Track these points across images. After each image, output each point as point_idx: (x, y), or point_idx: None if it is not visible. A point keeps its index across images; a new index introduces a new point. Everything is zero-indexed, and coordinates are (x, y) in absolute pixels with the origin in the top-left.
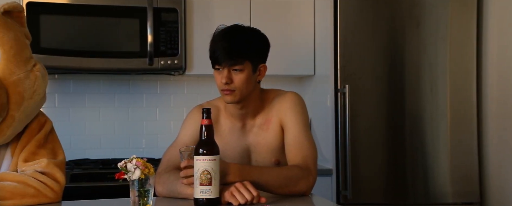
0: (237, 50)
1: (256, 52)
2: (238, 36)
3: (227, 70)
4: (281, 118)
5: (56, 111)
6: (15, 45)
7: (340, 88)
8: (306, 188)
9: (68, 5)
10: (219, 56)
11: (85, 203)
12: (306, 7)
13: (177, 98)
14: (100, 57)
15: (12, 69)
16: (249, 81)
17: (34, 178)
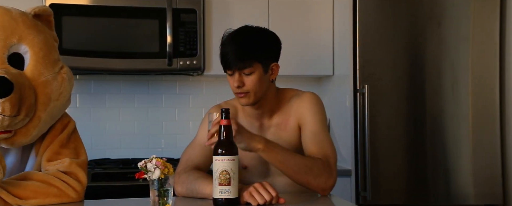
0: (244, 53)
1: (265, 52)
2: (245, 38)
3: (238, 73)
4: (299, 118)
5: (78, 111)
6: (44, 47)
7: (359, 88)
8: (325, 185)
9: (90, 6)
10: (228, 61)
11: (106, 202)
12: (325, 6)
13: (195, 98)
14: (120, 58)
15: (41, 70)
16: (262, 82)
17: (57, 177)
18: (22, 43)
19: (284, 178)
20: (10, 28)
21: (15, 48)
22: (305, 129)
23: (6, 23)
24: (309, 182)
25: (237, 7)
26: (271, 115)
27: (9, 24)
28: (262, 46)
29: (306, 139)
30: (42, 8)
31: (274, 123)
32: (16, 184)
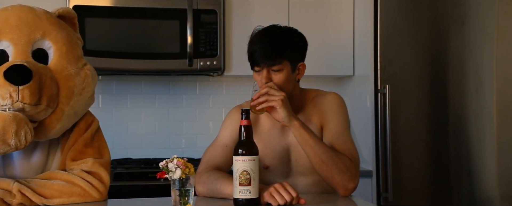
0: (275, 50)
1: (294, 51)
2: (276, 36)
3: (266, 70)
4: (321, 118)
5: (100, 112)
6: (67, 42)
7: (380, 88)
8: (348, 184)
9: (112, 8)
10: (257, 57)
11: (128, 201)
12: (345, 6)
13: (216, 98)
14: (142, 59)
15: (64, 64)
16: (289, 80)
17: (80, 177)
18: (45, 39)
19: (306, 178)
20: (34, 24)
21: (39, 43)
22: (328, 129)
23: (30, 20)
24: (333, 176)
25: (257, 7)
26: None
27: (33, 20)
28: (291, 44)
29: (329, 139)
30: (66, 9)
31: None
32: (41, 183)
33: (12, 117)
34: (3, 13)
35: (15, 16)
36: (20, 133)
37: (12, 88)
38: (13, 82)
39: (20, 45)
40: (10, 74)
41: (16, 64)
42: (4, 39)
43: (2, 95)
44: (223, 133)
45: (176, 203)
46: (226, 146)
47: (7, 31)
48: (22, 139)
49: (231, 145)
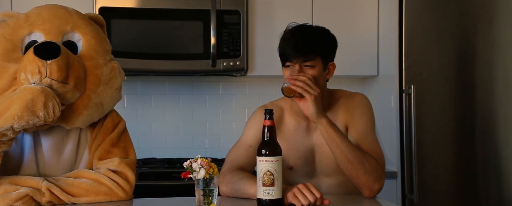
0: (309, 46)
1: (327, 49)
2: (309, 33)
3: (299, 65)
4: (347, 118)
5: (125, 112)
6: (96, 36)
7: (405, 89)
8: (373, 185)
9: (137, 9)
10: (290, 53)
11: (153, 201)
12: (369, 5)
13: (239, 99)
14: (166, 59)
15: (92, 55)
16: (320, 78)
17: (107, 176)
18: (75, 32)
19: (330, 179)
20: (65, 18)
21: (69, 36)
22: (354, 129)
23: (61, 14)
24: (359, 176)
25: (281, 8)
26: None
27: (64, 15)
28: (324, 42)
29: (355, 139)
30: (96, 15)
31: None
32: (69, 182)
33: (40, 90)
34: (36, 9)
35: (47, 11)
36: (48, 106)
37: (40, 62)
38: (42, 57)
39: (51, 35)
40: (40, 50)
41: (46, 41)
42: (36, 30)
43: (31, 70)
44: (246, 133)
45: (200, 203)
46: (250, 147)
47: (39, 23)
48: (50, 112)
49: (254, 146)
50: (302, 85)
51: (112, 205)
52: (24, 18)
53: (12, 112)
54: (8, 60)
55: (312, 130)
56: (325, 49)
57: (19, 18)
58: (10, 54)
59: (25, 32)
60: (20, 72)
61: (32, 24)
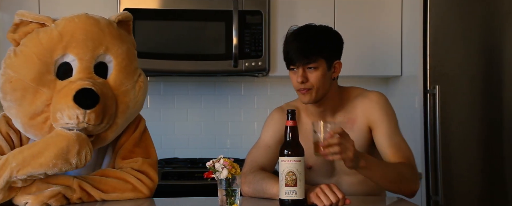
0: (310, 48)
1: (330, 49)
2: (310, 34)
3: (302, 69)
4: (368, 119)
5: (148, 112)
6: (126, 57)
7: (430, 89)
8: (414, 188)
9: (160, 10)
10: (293, 56)
11: (175, 200)
12: (393, 4)
13: (260, 99)
14: (188, 60)
15: (122, 80)
16: (325, 78)
17: (132, 175)
18: (107, 53)
19: (350, 178)
20: (99, 40)
21: (101, 57)
22: (379, 131)
23: (95, 35)
24: (400, 189)
25: (303, 7)
26: (333, 113)
27: (97, 35)
28: (326, 42)
29: (382, 142)
30: (124, 14)
31: (338, 122)
32: (98, 179)
33: (75, 137)
34: (70, 25)
35: (81, 30)
36: (81, 153)
37: (79, 111)
38: (82, 105)
39: (85, 61)
40: (79, 97)
41: (85, 88)
42: (71, 53)
43: (69, 115)
44: (265, 134)
45: (223, 203)
46: (269, 147)
47: (74, 46)
48: (82, 159)
49: (273, 146)
50: (339, 149)
51: (137, 203)
52: (57, 37)
53: (46, 159)
54: (42, 84)
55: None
56: (328, 49)
57: (52, 36)
58: (44, 77)
59: (59, 54)
60: (56, 111)
61: (66, 46)
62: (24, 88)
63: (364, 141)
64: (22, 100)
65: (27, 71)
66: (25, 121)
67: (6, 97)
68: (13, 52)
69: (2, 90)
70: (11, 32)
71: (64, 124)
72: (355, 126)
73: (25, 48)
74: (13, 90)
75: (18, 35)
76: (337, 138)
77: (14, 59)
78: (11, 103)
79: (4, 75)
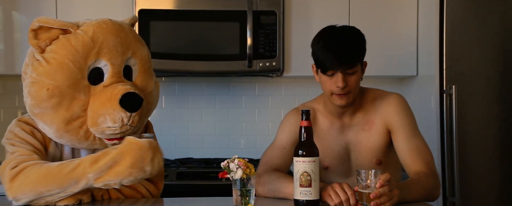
0: (351, 54)
1: (364, 52)
2: (346, 39)
3: (342, 74)
4: (387, 121)
5: (163, 112)
6: (148, 60)
7: (446, 89)
8: (437, 194)
9: (174, 11)
10: (334, 63)
11: (190, 200)
12: (408, 3)
13: (275, 99)
14: (203, 60)
15: (147, 81)
16: (359, 81)
17: (142, 185)
18: (133, 57)
19: None
20: (126, 44)
21: (128, 61)
22: (398, 135)
23: (123, 40)
24: (425, 198)
25: (317, 8)
26: (352, 113)
27: (125, 40)
28: (361, 46)
29: (402, 146)
30: (134, 18)
31: (356, 122)
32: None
33: (148, 145)
34: (100, 30)
35: (111, 35)
36: (155, 160)
37: (125, 114)
38: (128, 109)
39: (116, 66)
40: (125, 101)
41: (130, 92)
42: (103, 58)
43: (114, 119)
44: (280, 136)
45: (237, 203)
46: (284, 148)
47: (105, 51)
48: (156, 166)
49: (288, 147)
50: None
51: (152, 204)
52: (90, 44)
53: (122, 168)
54: (78, 90)
55: (346, 128)
56: (363, 53)
57: (85, 42)
58: (79, 83)
59: (92, 59)
60: (98, 115)
61: (98, 52)
62: (61, 95)
63: (382, 142)
64: (59, 107)
65: (64, 78)
66: (61, 127)
67: (41, 104)
68: (43, 59)
69: (37, 97)
70: (33, 38)
71: (106, 128)
72: (373, 128)
73: (58, 55)
74: (50, 97)
75: (44, 41)
76: (387, 188)
77: (47, 67)
78: (46, 110)
79: (38, 83)
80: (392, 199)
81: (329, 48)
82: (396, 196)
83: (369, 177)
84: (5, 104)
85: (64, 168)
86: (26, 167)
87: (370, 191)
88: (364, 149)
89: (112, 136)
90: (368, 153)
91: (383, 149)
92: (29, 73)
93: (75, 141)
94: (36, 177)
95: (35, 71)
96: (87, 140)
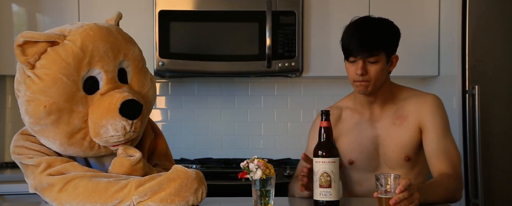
0: (373, 41)
1: (389, 42)
2: (373, 27)
3: (362, 61)
4: (420, 120)
5: (182, 112)
6: (141, 59)
7: (469, 89)
8: (459, 196)
9: (195, 12)
10: (354, 49)
11: (211, 200)
12: (430, 1)
13: (294, 99)
14: (222, 61)
15: (142, 81)
16: (383, 72)
17: None
18: (125, 59)
19: (394, 172)
20: (117, 48)
21: (121, 64)
22: (429, 134)
23: (113, 44)
24: (447, 200)
25: (337, 8)
26: (382, 106)
27: (114, 44)
28: (388, 36)
29: (431, 144)
30: (120, 15)
31: (387, 115)
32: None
33: (194, 175)
34: (87, 38)
35: (99, 42)
36: (198, 191)
37: (126, 122)
38: (129, 117)
39: (110, 72)
40: (124, 110)
41: (129, 99)
42: (95, 67)
43: (116, 128)
44: (309, 141)
45: (257, 203)
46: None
47: (97, 59)
48: (199, 197)
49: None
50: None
51: None
52: (80, 55)
53: (166, 194)
54: (76, 102)
55: (375, 120)
56: (388, 43)
57: (75, 54)
58: (75, 95)
59: (85, 70)
60: (100, 126)
61: (90, 61)
62: (59, 110)
63: (412, 139)
64: (58, 122)
65: (59, 93)
66: (65, 141)
67: (39, 122)
68: (35, 76)
69: (35, 116)
70: (21, 55)
71: (109, 137)
72: (404, 124)
73: (50, 71)
74: (48, 114)
75: (32, 57)
76: (407, 193)
77: (41, 84)
78: (46, 126)
79: (34, 101)
80: (412, 203)
81: (353, 34)
82: (417, 200)
83: (389, 182)
84: None
85: (111, 187)
86: (75, 178)
87: (390, 196)
88: (393, 143)
89: (116, 143)
90: (397, 148)
91: (412, 146)
92: (23, 91)
93: (80, 152)
94: (84, 191)
95: (29, 89)
96: (92, 150)
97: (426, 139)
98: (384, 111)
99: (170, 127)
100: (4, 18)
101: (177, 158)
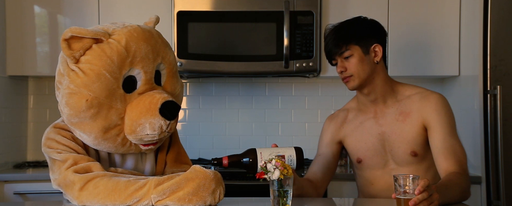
0: (340, 37)
1: (360, 34)
2: (341, 27)
3: (340, 60)
4: (425, 117)
5: (200, 112)
6: (175, 63)
7: (490, 89)
8: (468, 195)
9: (213, 12)
10: (328, 50)
11: (229, 200)
12: (450, 1)
13: (311, 100)
14: (239, 61)
15: (175, 84)
16: (363, 63)
17: None
18: (162, 62)
19: (402, 169)
20: (156, 51)
21: (158, 67)
22: (435, 133)
23: (153, 47)
24: (461, 199)
25: (355, 7)
26: (384, 102)
27: (155, 47)
28: (356, 29)
29: (437, 144)
30: (157, 18)
31: (390, 112)
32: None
33: (213, 176)
34: (131, 39)
35: (142, 43)
36: (216, 192)
37: (164, 122)
38: (167, 117)
39: (148, 73)
40: (164, 110)
41: (169, 100)
42: (136, 67)
43: (153, 127)
44: (319, 146)
45: (274, 204)
46: (319, 155)
47: (138, 60)
48: (216, 198)
49: (322, 154)
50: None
51: None
52: (124, 54)
53: (184, 194)
54: (115, 99)
55: (379, 117)
56: (357, 35)
57: (119, 52)
58: (116, 92)
59: (127, 69)
60: (137, 124)
61: (132, 61)
62: (99, 105)
63: (416, 134)
64: (97, 116)
65: (101, 89)
66: (100, 135)
67: (79, 114)
68: (80, 70)
69: (76, 108)
70: (66, 48)
71: (144, 135)
72: (407, 120)
73: (94, 66)
74: (89, 107)
75: (78, 51)
76: (426, 194)
77: (85, 78)
78: (85, 119)
79: (77, 94)
80: (432, 203)
81: (326, 38)
82: (436, 200)
83: (407, 183)
84: (51, 104)
85: (130, 186)
86: (95, 177)
87: (410, 197)
88: (398, 139)
89: (149, 142)
90: (402, 144)
91: (417, 142)
92: (66, 84)
93: (112, 148)
94: (104, 189)
95: (72, 82)
96: (123, 147)
97: (432, 138)
98: (387, 108)
99: (188, 127)
100: (27, 19)
101: (195, 158)
